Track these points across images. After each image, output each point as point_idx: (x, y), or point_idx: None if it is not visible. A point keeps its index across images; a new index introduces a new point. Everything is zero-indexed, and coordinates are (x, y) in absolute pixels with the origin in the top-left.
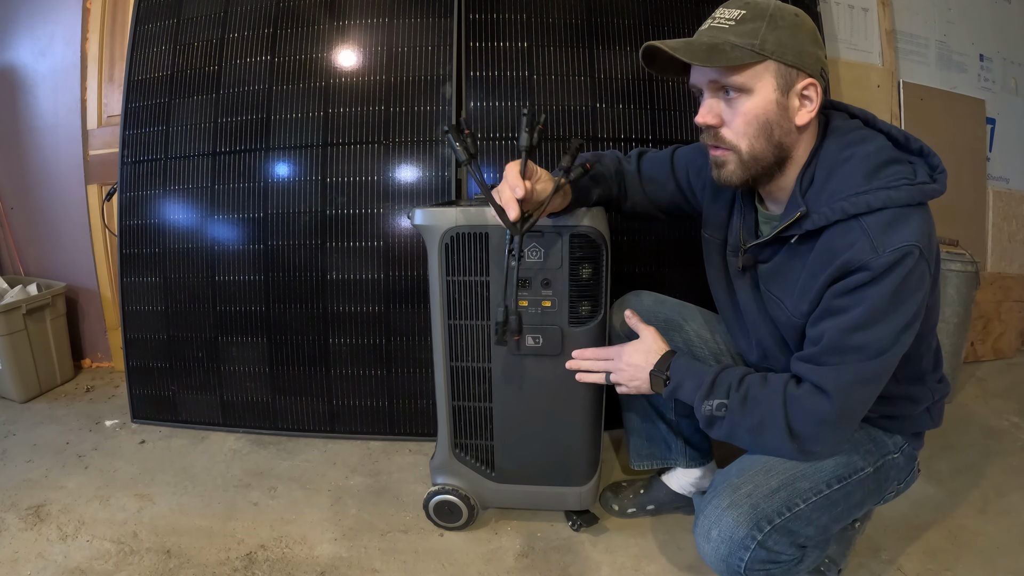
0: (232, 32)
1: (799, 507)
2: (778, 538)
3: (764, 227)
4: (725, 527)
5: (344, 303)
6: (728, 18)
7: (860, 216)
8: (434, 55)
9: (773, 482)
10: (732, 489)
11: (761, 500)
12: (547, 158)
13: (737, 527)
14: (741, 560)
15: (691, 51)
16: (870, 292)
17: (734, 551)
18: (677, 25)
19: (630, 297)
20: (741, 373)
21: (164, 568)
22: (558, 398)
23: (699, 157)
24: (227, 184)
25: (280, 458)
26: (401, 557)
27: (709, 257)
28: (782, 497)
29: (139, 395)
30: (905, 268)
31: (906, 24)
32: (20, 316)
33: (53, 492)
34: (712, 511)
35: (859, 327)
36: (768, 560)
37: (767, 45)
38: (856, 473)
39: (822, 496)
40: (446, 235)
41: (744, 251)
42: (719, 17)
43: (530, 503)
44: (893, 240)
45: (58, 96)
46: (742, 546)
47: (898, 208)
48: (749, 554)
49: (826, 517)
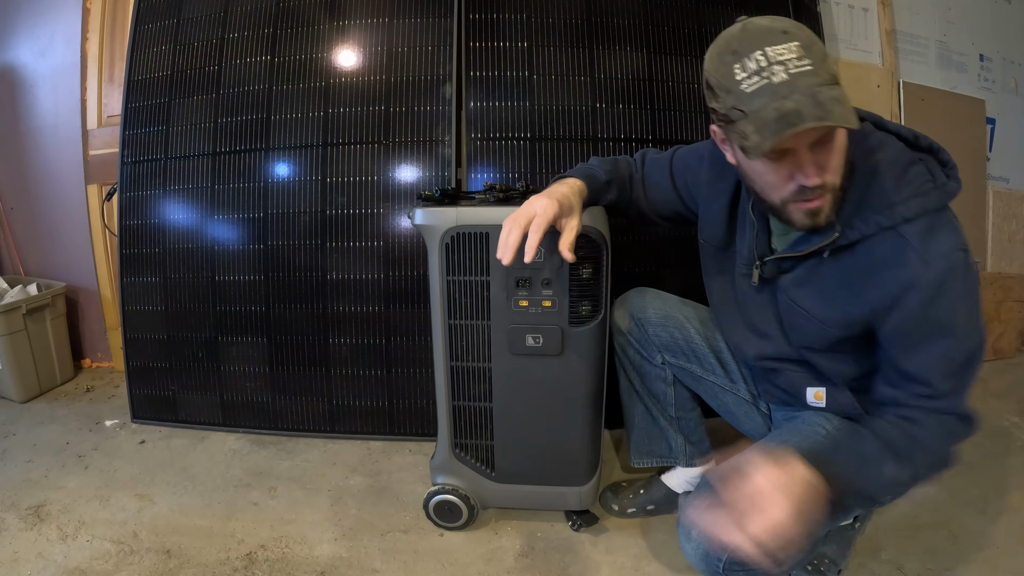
0: (232, 32)
1: None
2: None
3: (778, 239)
4: (704, 527)
5: (344, 303)
6: (796, 58)
7: (896, 227)
8: (434, 55)
9: None
10: (712, 490)
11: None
12: (547, 158)
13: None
14: (719, 560)
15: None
16: (942, 307)
17: (713, 552)
18: (677, 25)
19: (631, 294)
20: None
21: (164, 568)
22: (558, 398)
23: (694, 161)
24: (227, 184)
25: (280, 458)
26: (401, 557)
27: (707, 261)
28: None
29: (139, 395)
30: (960, 270)
31: (906, 24)
32: (20, 316)
33: (53, 492)
34: (692, 510)
35: (956, 346)
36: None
37: (835, 71)
38: None
39: None
40: (446, 235)
41: (762, 263)
42: (787, 60)
43: (530, 503)
44: (938, 248)
45: (58, 96)
46: (720, 547)
47: (931, 214)
48: (727, 555)
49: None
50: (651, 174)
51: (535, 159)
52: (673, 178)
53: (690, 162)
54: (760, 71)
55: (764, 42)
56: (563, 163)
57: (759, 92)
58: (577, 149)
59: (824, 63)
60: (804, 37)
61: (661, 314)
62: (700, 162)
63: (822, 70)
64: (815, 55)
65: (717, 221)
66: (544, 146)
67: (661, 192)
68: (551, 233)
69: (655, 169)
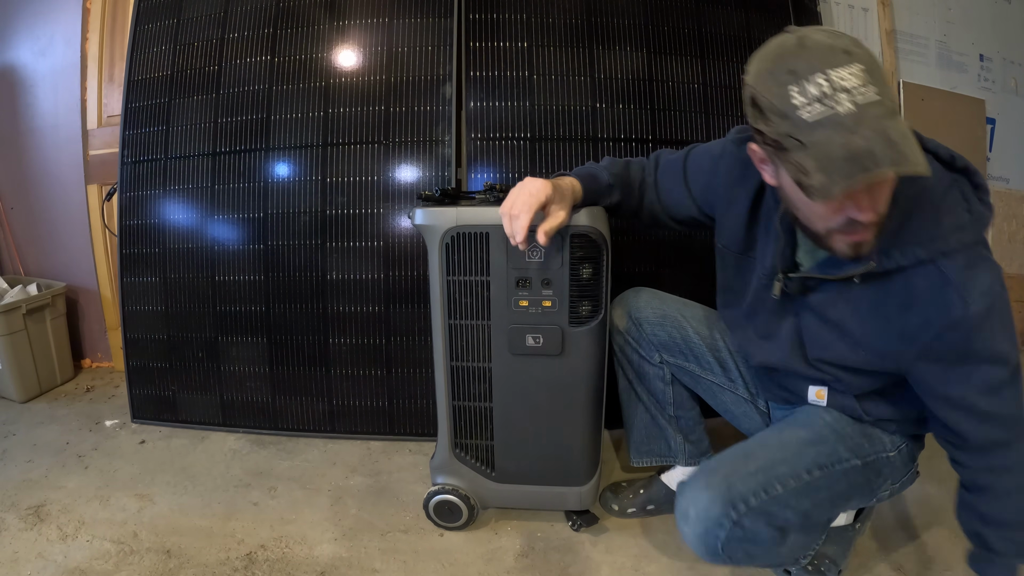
0: (232, 32)
1: (776, 490)
2: (754, 518)
3: (804, 255)
4: (701, 506)
5: (344, 303)
6: (861, 84)
7: (935, 261)
8: (434, 55)
9: (751, 466)
10: (709, 472)
11: (737, 481)
12: (547, 158)
13: (712, 505)
14: (717, 538)
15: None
16: (982, 341)
17: (710, 529)
18: (677, 25)
19: (629, 294)
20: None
21: (164, 568)
22: (558, 398)
23: (707, 164)
24: (227, 184)
25: (280, 458)
26: (401, 557)
27: (723, 265)
28: (759, 480)
29: (139, 395)
30: (998, 305)
31: (906, 24)
32: (20, 316)
33: (53, 492)
34: (689, 491)
35: (1002, 376)
36: (745, 539)
37: (895, 96)
38: (839, 463)
39: (802, 482)
40: (446, 235)
41: (786, 278)
42: (852, 88)
43: (530, 503)
44: (979, 286)
45: (58, 96)
46: (718, 524)
47: (968, 248)
48: (725, 533)
49: (807, 502)
50: (664, 178)
51: (535, 159)
52: (687, 182)
53: (704, 164)
54: (823, 98)
55: (826, 63)
56: (563, 163)
57: (822, 123)
58: (577, 149)
59: (887, 89)
60: (867, 58)
61: (659, 313)
62: (715, 164)
63: (887, 98)
64: (878, 80)
65: (736, 226)
66: (544, 146)
67: (675, 196)
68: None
69: (668, 173)
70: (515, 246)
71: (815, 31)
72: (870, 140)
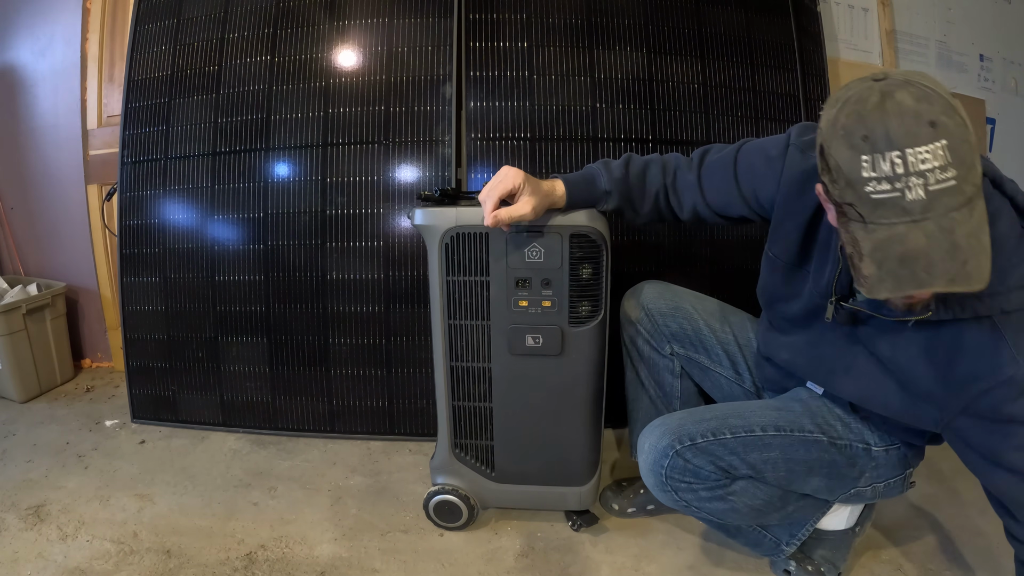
0: (232, 32)
1: (725, 436)
2: (697, 453)
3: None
4: (653, 439)
5: (344, 303)
6: (940, 168)
7: (993, 316)
8: (434, 55)
9: (707, 415)
10: (668, 417)
11: (689, 423)
12: (547, 158)
13: (661, 439)
14: (662, 467)
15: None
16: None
17: (657, 460)
18: (677, 25)
19: (642, 286)
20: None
21: (164, 568)
22: (558, 398)
23: (761, 165)
24: (227, 184)
25: (280, 458)
26: (401, 557)
27: (772, 272)
28: (710, 425)
29: (139, 395)
30: None
31: (906, 24)
32: (20, 316)
33: (53, 492)
34: (647, 431)
35: None
36: (687, 471)
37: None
38: (799, 431)
39: (753, 436)
40: (446, 235)
41: (838, 303)
42: (927, 172)
43: (530, 503)
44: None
45: (58, 96)
46: (663, 454)
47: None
48: (669, 461)
49: (755, 455)
50: (710, 178)
51: (535, 159)
52: (739, 183)
53: (757, 166)
54: (894, 179)
55: (906, 140)
56: (563, 163)
57: (886, 204)
58: (577, 149)
59: (971, 172)
60: (955, 132)
61: (672, 305)
62: (769, 167)
63: (966, 183)
64: (961, 161)
65: (791, 239)
66: (544, 146)
67: (724, 196)
68: (551, 233)
69: (716, 172)
70: (517, 248)
71: (903, 87)
72: (931, 240)
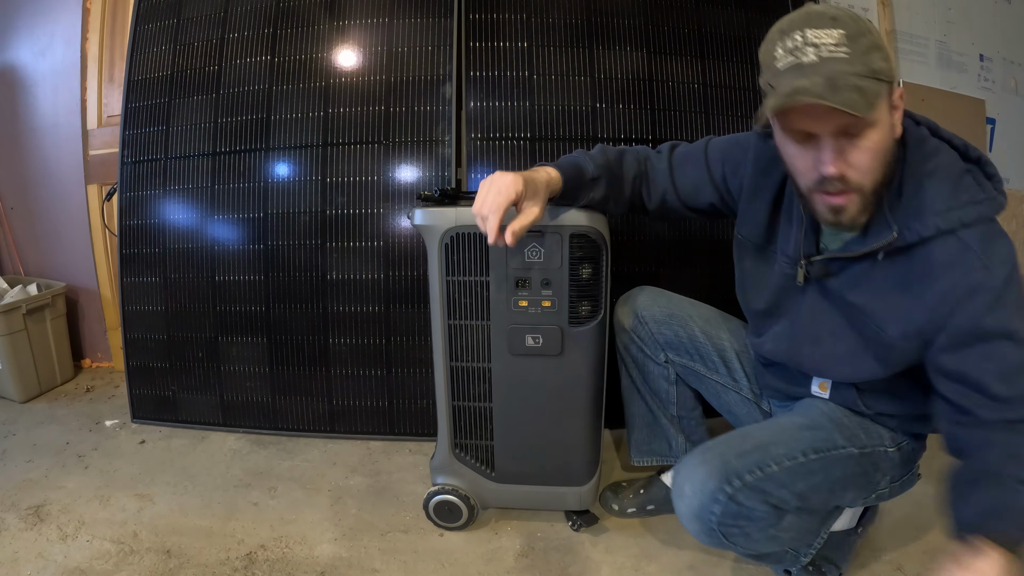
0: (232, 32)
1: (771, 468)
2: (749, 494)
3: (831, 239)
4: (697, 481)
5: (344, 303)
6: (833, 44)
7: (955, 231)
8: (434, 55)
9: (747, 445)
10: (705, 450)
11: (732, 458)
12: (547, 158)
13: (708, 480)
14: (713, 514)
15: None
16: (1001, 314)
17: (705, 504)
18: (677, 25)
19: (635, 292)
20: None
21: (164, 568)
22: (558, 398)
23: (735, 152)
24: (227, 184)
25: (280, 458)
26: (401, 557)
27: (742, 258)
28: (754, 458)
29: (139, 395)
30: (1016, 279)
31: (906, 24)
32: (20, 316)
33: (53, 492)
34: (685, 468)
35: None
36: (740, 515)
37: (883, 68)
38: (835, 448)
39: (797, 463)
40: (446, 235)
41: (809, 263)
42: (821, 44)
43: (530, 503)
44: (999, 254)
45: (58, 96)
46: (713, 499)
47: (986, 222)
48: (720, 507)
49: (802, 484)
50: (682, 166)
51: (535, 159)
52: (710, 169)
53: (730, 152)
54: (794, 50)
55: (808, 24)
56: None
57: (787, 70)
58: (577, 149)
59: (865, 55)
60: (855, 28)
61: (666, 312)
62: (744, 153)
63: (859, 61)
64: (857, 46)
65: (759, 218)
66: (544, 146)
67: (694, 184)
68: (549, 233)
69: (687, 161)
70: (517, 248)
71: (828, 5)
72: (814, 83)
